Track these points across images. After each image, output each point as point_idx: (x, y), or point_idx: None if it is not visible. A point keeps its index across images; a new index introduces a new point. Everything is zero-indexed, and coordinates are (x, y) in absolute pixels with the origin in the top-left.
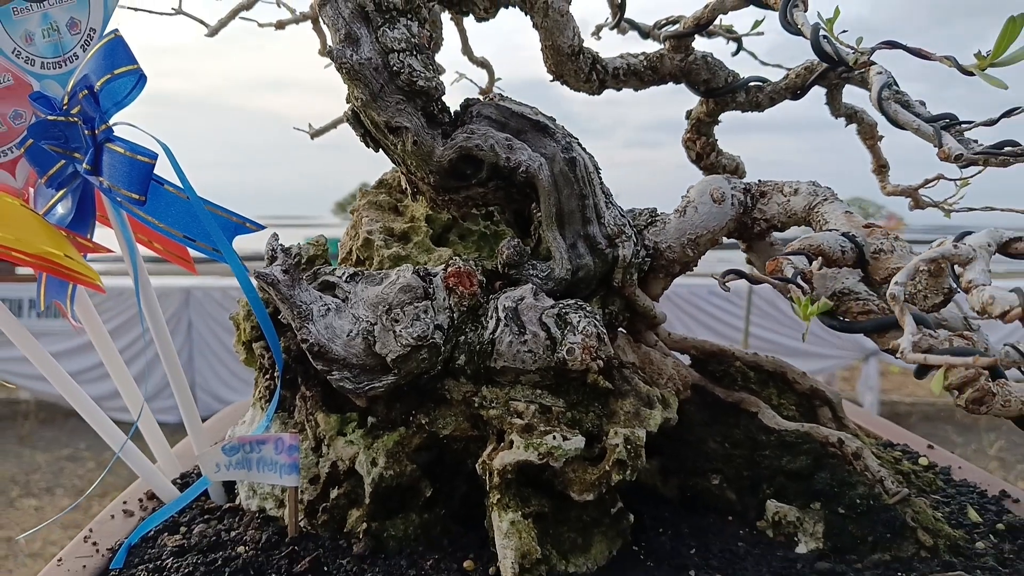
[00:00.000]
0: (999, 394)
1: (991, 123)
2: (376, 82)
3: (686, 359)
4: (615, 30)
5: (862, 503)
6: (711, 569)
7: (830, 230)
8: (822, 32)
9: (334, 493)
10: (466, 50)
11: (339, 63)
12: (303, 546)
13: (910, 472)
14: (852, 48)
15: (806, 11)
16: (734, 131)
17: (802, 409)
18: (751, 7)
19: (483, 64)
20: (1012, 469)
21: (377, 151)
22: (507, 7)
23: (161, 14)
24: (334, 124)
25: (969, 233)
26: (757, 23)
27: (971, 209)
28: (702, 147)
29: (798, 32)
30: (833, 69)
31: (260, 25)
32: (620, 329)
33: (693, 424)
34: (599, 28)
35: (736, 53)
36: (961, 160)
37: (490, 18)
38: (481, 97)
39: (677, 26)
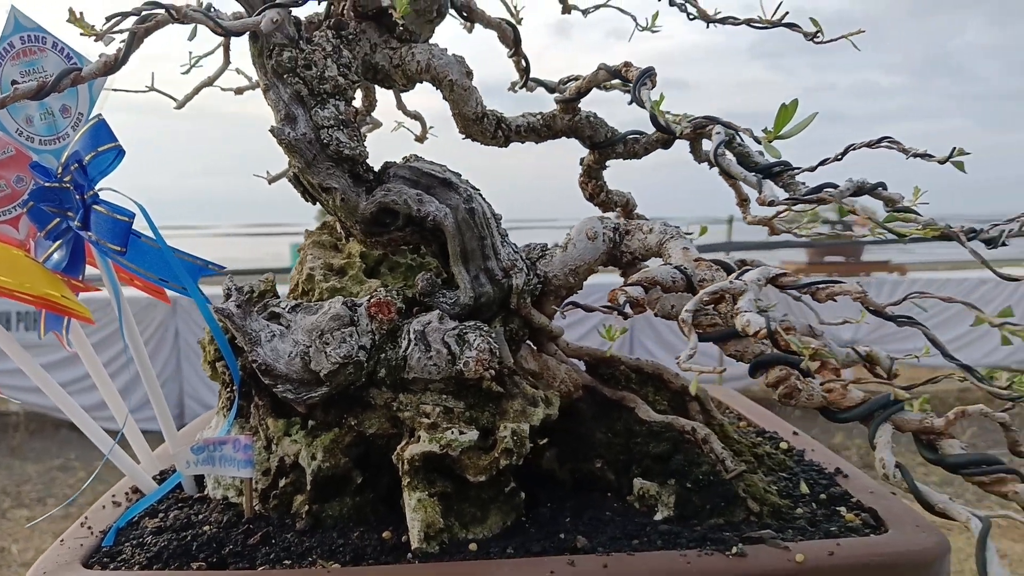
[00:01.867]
0: (804, 390)
1: (812, 169)
2: (310, 153)
3: (583, 365)
4: (523, 89)
5: (704, 479)
6: (577, 532)
7: (671, 264)
8: (650, 100)
9: (282, 483)
10: (400, 106)
11: (279, 139)
12: (257, 525)
13: (764, 454)
14: (678, 121)
15: (652, 88)
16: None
17: (674, 404)
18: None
19: (416, 116)
20: (869, 449)
21: (315, 204)
22: (420, 82)
23: (136, 91)
24: (284, 175)
25: (750, 270)
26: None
27: (820, 235)
28: (593, 189)
29: (643, 106)
30: (672, 136)
31: (223, 90)
32: (527, 342)
33: (584, 418)
34: (513, 85)
35: (631, 103)
36: (775, 205)
37: (409, 90)
38: (400, 160)
39: (570, 85)
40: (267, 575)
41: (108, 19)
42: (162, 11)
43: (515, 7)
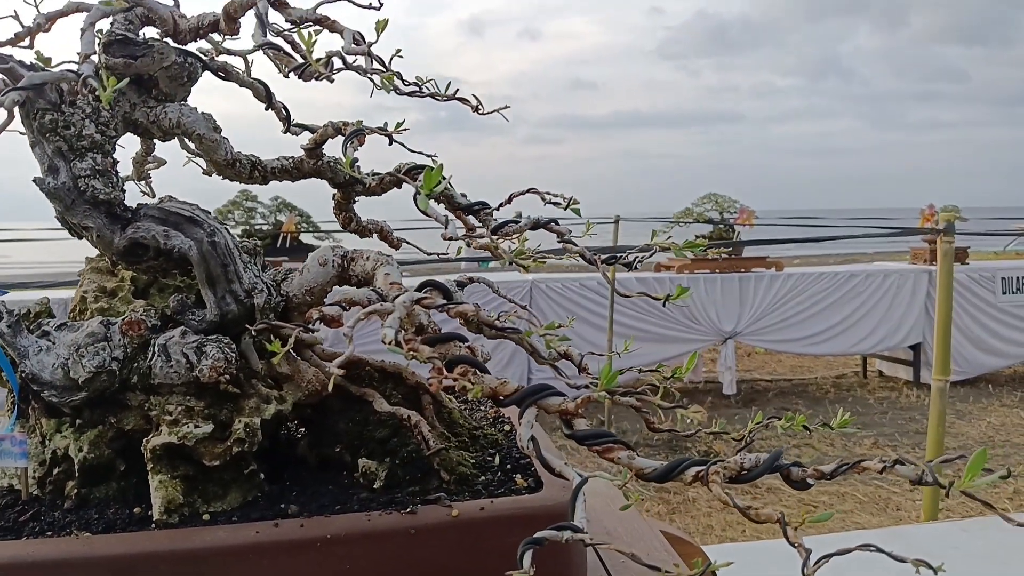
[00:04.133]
0: (476, 384)
1: (498, 208)
2: (69, 198)
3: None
4: (288, 133)
5: (409, 456)
6: (294, 501)
7: (373, 287)
8: (350, 155)
9: (56, 471)
10: (183, 146)
11: (41, 188)
12: (30, 505)
13: (481, 435)
14: (368, 175)
15: (360, 147)
16: (626, 126)
17: (409, 397)
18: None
19: (198, 153)
20: (852, 437)
21: (80, 239)
22: (173, 137)
23: None
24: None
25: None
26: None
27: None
28: (344, 220)
29: (344, 155)
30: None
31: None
32: (291, 351)
33: (332, 412)
34: (283, 129)
35: (390, 144)
36: (454, 240)
37: (167, 141)
38: (154, 202)
39: (326, 128)
40: (25, 544)
41: None
42: None
43: (283, 65)
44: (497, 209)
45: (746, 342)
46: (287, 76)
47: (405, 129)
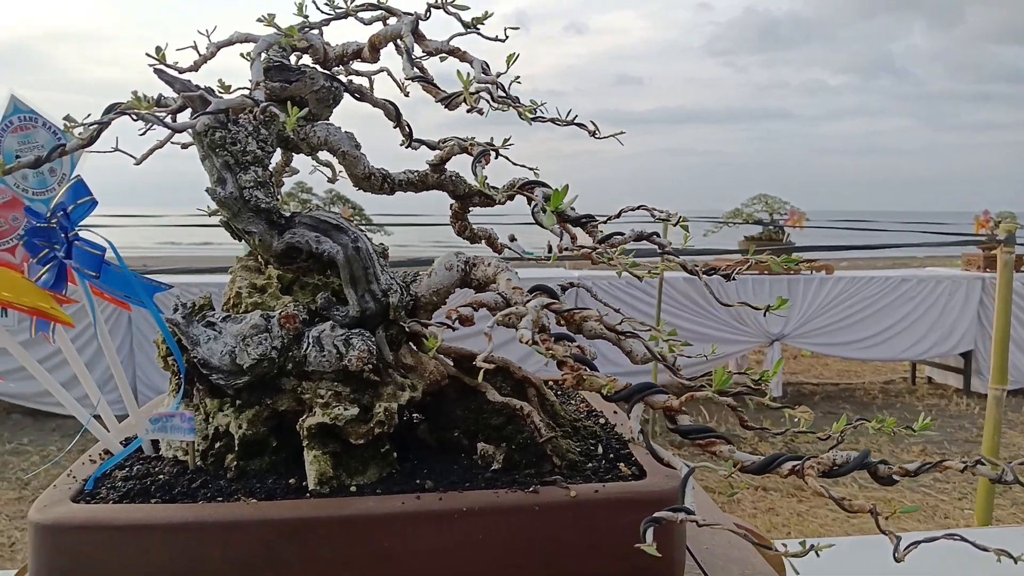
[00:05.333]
0: (588, 379)
1: (610, 219)
2: (236, 207)
3: (452, 360)
4: (409, 148)
5: (524, 442)
6: (427, 478)
7: (498, 291)
8: (480, 174)
9: (217, 445)
10: (314, 158)
11: (213, 197)
12: (197, 475)
13: (581, 427)
14: (499, 190)
15: (486, 166)
16: (670, 122)
17: (516, 389)
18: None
19: (328, 164)
20: (900, 442)
21: (240, 241)
22: (321, 151)
23: (103, 151)
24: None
25: (535, 297)
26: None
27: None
28: (459, 228)
29: (475, 176)
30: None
31: (183, 146)
32: (409, 343)
33: (448, 400)
34: (403, 143)
35: (496, 158)
36: (565, 252)
37: (314, 154)
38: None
39: (449, 144)
40: (199, 507)
41: (105, 113)
42: (129, 113)
43: (403, 83)
44: (604, 222)
45: (794, 344)
46: (437, 103)
47: (511, 144)
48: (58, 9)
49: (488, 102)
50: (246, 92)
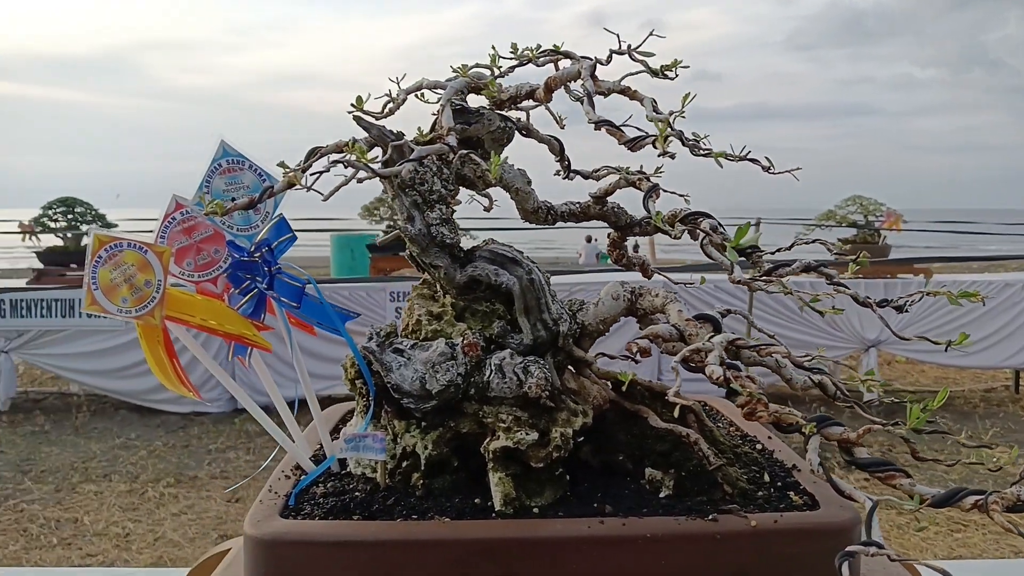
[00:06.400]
0: (762, 411)
1: (787, 248)
2: (424, 242)
3: (610, 384)
4: (567, 179)
5: (694, 469)
6: (605, 502)
7: (670, 322)
8: (654, 210)
9: (404, 464)
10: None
11: (404, 234)
12: (389, 492)
13: (742, 453)
14: (671, 222)
15: (656, 200)
16: (750, 118)
17: (676, 415)
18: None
19: (487, 195)
20: (1002, 455)
21: (423, 273)
22: (494, 186)
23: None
24: (389, 239)
25: (717, 335)
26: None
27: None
28: (617, 256)
29: (648, 212)
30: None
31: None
32: (569, 368)
33: (610, 424)
34: (557, 172)
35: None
36: (741, 283)
37: (488, 188)
38: (481, 244)
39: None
40: (400, 525)
41: (307, 158)
42: (342, 162)
43: (560, 117)
44: (772, 253)
45: (889, 350)
46: (622, 145)
47: (662, 173)
48: (148, 19)
49: (681, 143)
50: (438, 135)
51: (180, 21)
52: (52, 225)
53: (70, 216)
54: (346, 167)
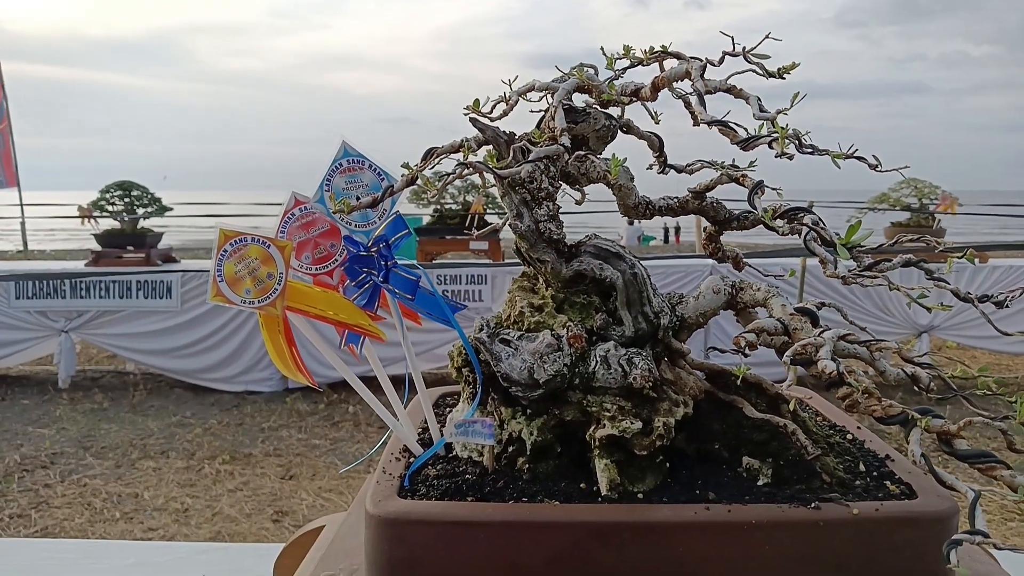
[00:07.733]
0: (863, 403)
1: (871, 251)
2: (532, 238)
3: (703, 375)
4: (662, 173)
5: (793, 458)
6: (707, 489)
7: (773, 316)
8: (761, 208)
9: (510, 449)
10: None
11: (514, 231)
12: (498, 476)
13: (835, 443)
14: (774, 216)
15: (761, 195)
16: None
17: (770, 405)
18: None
19: (580, 190)
20: None
21: (528, 267)
22: (593, 184)
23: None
24: (488, 231)
25: (829, 328)
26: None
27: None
28: (712, 250)
29: (755, 210)
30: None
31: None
32: (665, 360)
33: (705, 413)
34: (651, 166)
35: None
36: (842, 276)
37: (587, 185)
38: (584, 238)
39: (699, 178)
40: (516, 506)
41: (424, 158)
42: (468, 164)
43: (655, 113)
44: (867, 254)
45: (941, 336)
46: (734, 145)
47: (755, 167)
48: (196, 2)
49: (797, 147)
50: (552, 136)
51: (227, 3)
52: (110, 209)
53: (127, 200)
54: (470, 170)
